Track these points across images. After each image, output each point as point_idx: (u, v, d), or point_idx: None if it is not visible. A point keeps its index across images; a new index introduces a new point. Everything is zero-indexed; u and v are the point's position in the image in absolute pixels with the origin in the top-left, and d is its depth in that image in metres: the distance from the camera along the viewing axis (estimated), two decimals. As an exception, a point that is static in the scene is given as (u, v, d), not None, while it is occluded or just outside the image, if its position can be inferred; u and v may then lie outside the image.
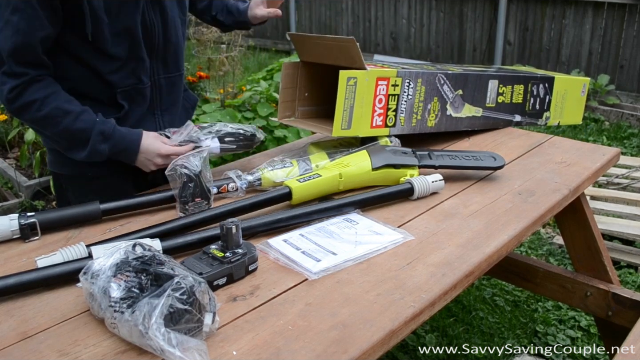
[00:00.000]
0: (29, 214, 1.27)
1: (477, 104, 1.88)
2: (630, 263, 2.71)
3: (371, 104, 1.59)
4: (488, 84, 1.89)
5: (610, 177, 3.30)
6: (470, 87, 1.84)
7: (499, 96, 1.94)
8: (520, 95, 2.00)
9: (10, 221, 1.24)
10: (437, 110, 1.75)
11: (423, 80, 1.70)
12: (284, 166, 1.50)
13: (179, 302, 0.86)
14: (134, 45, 1.44)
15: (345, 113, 1.55)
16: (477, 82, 1.86)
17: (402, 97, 1.66)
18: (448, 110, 1.80)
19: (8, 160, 3.69)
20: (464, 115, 1.85)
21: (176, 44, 1.57)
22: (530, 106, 2.04)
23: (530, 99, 2.03)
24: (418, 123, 1.73)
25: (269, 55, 7.37)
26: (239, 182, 1.44)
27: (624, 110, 4.72)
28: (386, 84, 1.61)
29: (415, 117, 1.71)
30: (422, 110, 1.72)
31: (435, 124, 1.77)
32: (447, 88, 1.76)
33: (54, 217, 1.30)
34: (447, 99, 1.77)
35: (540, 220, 1.38)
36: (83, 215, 1.32)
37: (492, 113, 1.94)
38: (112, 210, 1.35)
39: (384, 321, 0.97)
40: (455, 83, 1.80)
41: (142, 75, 1.49)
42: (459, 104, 1.82)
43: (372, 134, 1.62)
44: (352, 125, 1.57)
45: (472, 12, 5.93)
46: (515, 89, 1.98)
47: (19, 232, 1.24)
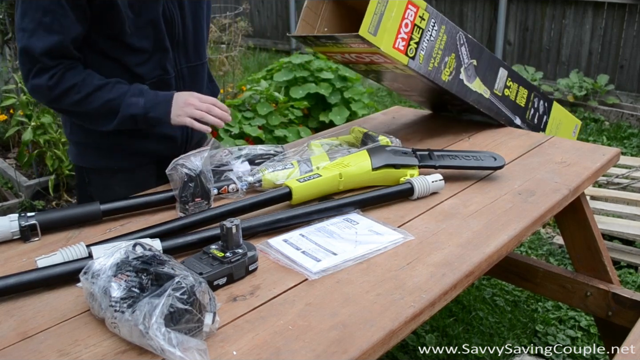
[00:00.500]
0: (29, 215, 1.27)
1: (487, 84, 1.88)
2: (630, 263, 2.71)
3: (398, 21, 1.60)
4: (499, 71, 1.90)
5: (610, 177, 3.30)
6: (484, 63, 1.85)
7: (506, 89, 1.94)
8: (524, 99, 2.00)
9: (11, 222, 1.24)
10: (452, 67, 1.76)
11: (446, 28, 1.72)
12: (285, 167, 1.50)
13: (180, 302, 0.86)
14: (158, 37, 1.48)
15: (375, 17, 1.55)
16: (490, 61, 1.87)
17: (426, 34, 1.67)
18: (461, 75, 1.80)
19: (8, 160, 3.69)
20: (474, 88, 1.85)
21: (196, 33, 1.59)
22: (530, 116, 2.04)
23: (531, 109, 2.04)
24: (434, 70, 1.73)
25: (269, 55, 7.36)
26: (239, 184, 1.44)
27: (624, 110, 4.72)
28: (415, 11, 1.63)
29: (432, 63, 1.71)
30: (440, 60, 1.73)
31: (449, 81, 1.78)
32: (464, 50, 1.78)
33: (54, 218, 1.29)
34: (463, 62, 1.79)
35: (540, 220, 1.38)
36: (83, 215, 1.32)
37: (497, 102, 1.93)
38: (112, 210, 1.35)
39: (384, 321, 0.97)
40: (472, 50, 1.81)
41: (167, 66, 1.53)
42: (472, 73, 1.83)
43: (392, 55, 1.61)
44: (378, 33, 1.56)
45: (472, 12, 5.93)
46: (520, 90, 1.98)
47: (19, 233, 1.24)
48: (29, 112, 3.34)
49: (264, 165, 1.52)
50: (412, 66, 1.66)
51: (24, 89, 3.42)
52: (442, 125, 2.04)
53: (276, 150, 1.61)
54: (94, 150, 1.53)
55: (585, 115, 4.80)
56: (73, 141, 1.60)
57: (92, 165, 1.59)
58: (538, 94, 2.05)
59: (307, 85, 4.03)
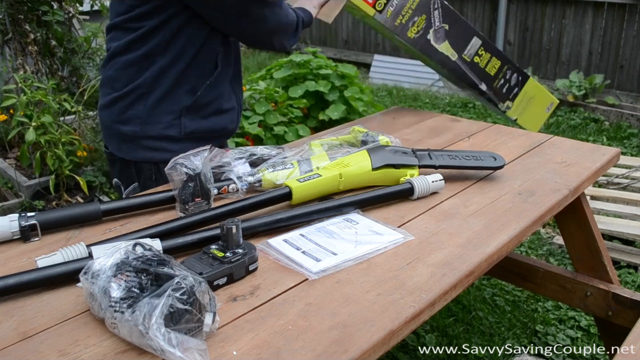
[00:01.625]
0: (29, 215, 1.26)
1: (456, 48, 1.97)
2: (630, 263, 2.71)
3: None
4: (472, 39, 1.99)
5: (610, 177, 3.30)
6: (456, 29, 1.95)
7: (476, 56, 2.03)
8: (494, 69, 2.08)
9: (11, 222, 1.24)
10: (420, 27, 1.87)
11: None
12: (285, 167, 1.50)
13: (179, 302, 0.86)
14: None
15: None
16: (464, 29, 1.97)
17: None
18: (429, 35, 1.91)
19: (8, 160, 3.69)
20: (440, 49, 1.95)
21: None
22: (498, 85, 2.12)
23: (502, 79, 2.12)
24: (400, 27, 1.86)
25: (269, 55, 7.36)
26: (239, 184, 1.44)
27: (624, 110, 4.72)
28: None
29: (400, 20, 1.85)
30: (408, 19, 1.86)
31: (414, 39, 1.90)
32: (437, 14, 1.89)
33: (54, 218, 1.29)
34: (433, 24, 1.89)
35: (540, 220, 1.38)
36: (83, 215, 1.32)
37: (464, 66, 2.03)
38: (112, 210, 1.35)
39: (384, 321, 0.97)
40: (446, 15, 1.91)
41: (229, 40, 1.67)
42: (441, 35, 1.93)
43: (360, 5, 1.77)
44: None
45: (472, 12, 5.93)
46: (493, 60, 2.07)
47: (19, 233, 1.24)
48: (30, 112, 3.34)
49: (264, 165, 1.51)
50: (378, 18, 1.82)
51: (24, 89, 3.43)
52: (442, 125, 2.04)
53: (277, 151, 1.61)
54: (142, 142, 1.60)
55: (585, 115, 4.80)
56: (121, 134, 1.62)
57: (137, 158, 1.63)
58: (513, 67, 2.13)
59: (306, 84, 4.04)
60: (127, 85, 1.59)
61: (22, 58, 3.70)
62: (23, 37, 3.65)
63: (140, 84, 1.57)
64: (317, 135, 1.93)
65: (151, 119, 1.60)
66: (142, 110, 1.59)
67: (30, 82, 3.53)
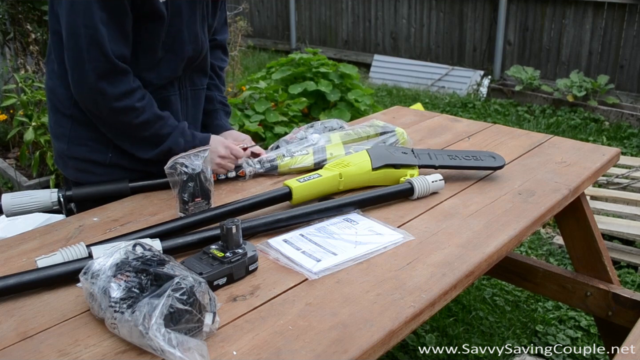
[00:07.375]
0: (66, 189, 1.41)
1: None
2: (630, 263, 2.71)
3: None
4: None
5: (610, 177, 3.30)
6: None
7: None
8: None
9: (51, 194, 1.40)
10: None
11: None
12: (301, 153, 1.59)
13: (179, 302, 0.86)
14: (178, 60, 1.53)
15: None
16: None
17: None
18: None
19: (8, 160, 3.69)
20: None
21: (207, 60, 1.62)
22: None
23: None
24: None
25: (269, 55, 7.36)
26: (256, 166, 1.56)
27: (624, 110, 4.72)
28: None
29: None
30: None
31: None
32: None
33: (88, 193, 1.44)
34: None
35: (540, 220, 1.38)
36: (114, 191, 1.46)
37: None
38: (139, 188, 1.48)
39: (384, 321, 0.97)
40: None
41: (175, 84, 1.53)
42: None
43: None
44: None
45: (472, 12, 5.93)
46: None
47: (57, 204, 1.38)
48: (30, 112, 3.34)
49: (279, 150, 1.60)
50: None
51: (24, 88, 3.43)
52: (442, 125, 2.04)
53: (340, 124, 1.74)
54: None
55: (585, 115, 4.80)
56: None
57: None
58: None
59: (306, 83, 4.04)
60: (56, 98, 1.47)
61: (22, 58, 3.70)
62: (24, 37, 3.65)
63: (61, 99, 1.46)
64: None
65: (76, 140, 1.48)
66: (68, 129, 1.48)
67: (30, 82, 3.53)
